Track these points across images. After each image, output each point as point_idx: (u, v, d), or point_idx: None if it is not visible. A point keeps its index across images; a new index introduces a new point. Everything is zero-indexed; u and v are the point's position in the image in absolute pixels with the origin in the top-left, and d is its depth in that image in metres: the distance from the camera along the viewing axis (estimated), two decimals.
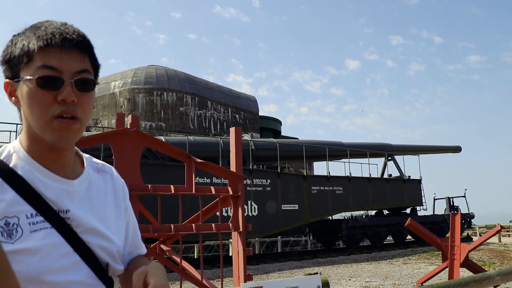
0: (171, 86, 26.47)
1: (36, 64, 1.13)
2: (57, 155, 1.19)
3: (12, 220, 1.07)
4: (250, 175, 16.96)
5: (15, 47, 1.16)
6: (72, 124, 1.14)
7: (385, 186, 22.63)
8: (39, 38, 1.13)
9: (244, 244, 4.92)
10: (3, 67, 1.19)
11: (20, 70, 1.15)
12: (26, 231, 1.08)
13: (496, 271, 3.96)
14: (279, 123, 34.89)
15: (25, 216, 1.09)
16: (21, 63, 1.14)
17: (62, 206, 1.16)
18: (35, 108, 1.13)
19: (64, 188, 1.18)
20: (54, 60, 1.13)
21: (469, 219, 27.47)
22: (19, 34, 1.19)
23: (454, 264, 8.50)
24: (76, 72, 1.15)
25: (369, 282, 10.84)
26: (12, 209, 1.08)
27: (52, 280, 1.08)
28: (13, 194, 1.09)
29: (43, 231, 1.10)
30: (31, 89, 1.12)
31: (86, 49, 1.19)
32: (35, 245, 1.08)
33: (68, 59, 1.14)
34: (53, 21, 1.20)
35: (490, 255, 16.03)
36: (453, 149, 29.37)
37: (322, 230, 22.18)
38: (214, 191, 4.76)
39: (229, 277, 11.33)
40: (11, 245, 1.05)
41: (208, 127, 27.49)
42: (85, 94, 1.17)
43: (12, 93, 1.19)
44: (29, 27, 1.19)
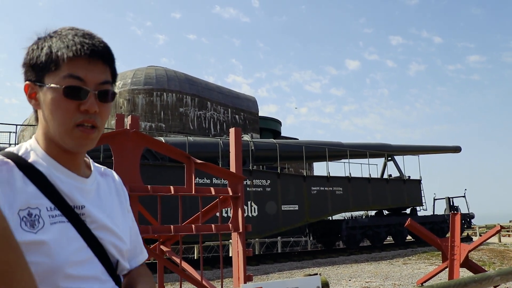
0: (171, 86, 26.47)
1: (63, 73, 1.16)
2: (73, 156, 1.24)
3: (34, 211, 1.11)
4: (250, 175, 16.95)
5: (41, 52, 1.18)
6: (92, 133, 1.20)
7: (385, 186, 22.63)
8: (68, 48, 1.17)
9: (244, 245, 4.92)
10: (25, 69, 1.22)
11: (45, 76, 1.18)
12: (47, 223, 1.12)
13: (495, 271, 3.96)
14: (279, 124, 34.89)
15: (46, 208, 1.13)
16: (48, 70, 1.17)
17: (77, 202, 1.21)
18: (58, 115, 1.17)
19: (78, 186, 1.23)
20: (81, 71, 1.17)
21: (469, 219, 27.47)
22: (44, 39, 1.21)
23: (454, 264, 8.50)
24: (99, 83, 1.20)
25: (369, 282, 10.83)
26: (34, 201, 1.12)
27: (73, 273, 1.13)
28: (33, 188, 1.13)
29: (61, 225, 1.15)
30: (56, 97, 1.16)
31: (109, 61, 1.23)
32: (55, 237, 1.12)
33: (93, 70, 1.19)
34: (78, 28, 1.24)
35: (490, 255, 16.03)
36: (453, 149, 29.38)
37: (322, 230, 22.18)
38: (213, 192, 4.76)
39: (229, 278, 11.32)
40: (34, 235, 1.09)
41: (208, 128, 27.49)
42: (105, 105, 1.22)
43: (32, 95, 1.22)
44: (53, 32, 1.22)
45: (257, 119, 30.89)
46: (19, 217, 1.09)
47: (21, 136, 28.89)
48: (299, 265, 15.32)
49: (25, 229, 1.09)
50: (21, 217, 1.09)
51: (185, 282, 9.27)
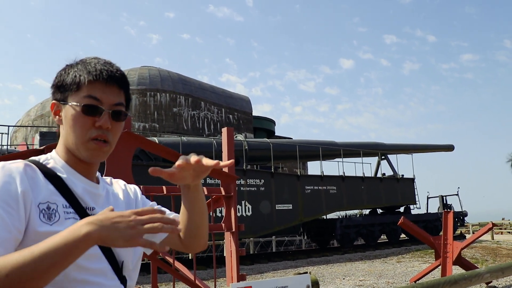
0: (164, 87, 26.43)
1: (83, 93, 1.36)
2: (87, 166, 1.41)
3: (52, 206, 1.26)
4: (243, 175, 16.96)
5: (67, 76, 1.39)
6: (104, 147, 1.37)
7: (378, 185, 22.70)
8: (89, 73, 1.36)
9: (237, 244, 4.93)
10: (53, 90, 1.43)
11: (69, 96, 1.37)
12: (62, 217, 1.26)
13: (485, 268, 3.99)
14: (273, 123, 34.91)
15: (62, 205, 1.28)
16: (71, 90, 1.37)
17: (89, 204, 1.36)
18: (76, 129, 1.35)
19: (90, 190, 1.39)
20: (98, 92, 1.36)
21: (462, 217, 27.62)
22: (71, 66, 1.41)
23: (447, 262, 8.56)
24: (114, 104, 1.38)
25: (363, 280, 10.88)
26: (53, 197, 1.28)
27: (83, 264, 1.24)
28: (52, 187, 1.29)
29: (74, 221, 1.24)
30: (75, 113, 1.35)
31: (124, 86, 1.43)
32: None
33: (109, 93, 1.38)
34: (100, 58, 1.44)
35: (483, 253, 16.13)
36: (446, 148, 29.55)
37: (316, 229, 22.23)
38: (206, 192, 4.77)
39: (223, 278, 11.33)
40: (49, 226, 1.22)
41: (202, 128, 27.47)
42: (118, 123, 1.41)
43: (56, 112, 1.42)
44: (80, 61, 1.42)
45: (251, 119, 30.89)
46: (39, 209, 1.23)
47: (13, 137, 28.72)
48: (294, 264, 15.35)
49: (43, 221, 1.23)
50: (40, 210, 1.23)
51: (178, 282, 9.28)
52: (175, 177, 1.37)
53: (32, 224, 1.21)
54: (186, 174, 1.37)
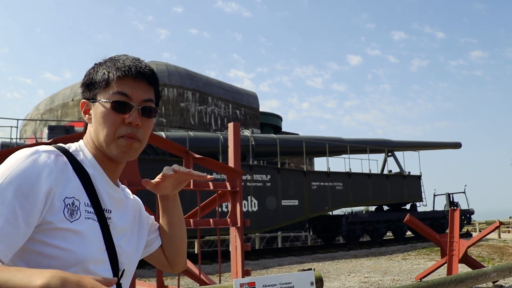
0: (172, 81, 26.46)
1: (112, 90, 1.34)
2: (115, 165, 1.39)
3: (76, 202, 1.23)
4: (250, 170, 16.97)
5: (96, 74, 1.37)
6: (134, 143, 1.35)
7: (385, 182, 22.64)
8: (118, 69, 1.34)
9: (242, 240, 4.93)
10: (82, 89, 1.41)
11: (98, 94, 1.36)
12: (83, 216, 1.24)
13: (492, 268, 3.97)
14: (280, 119, 34.87)
15: (84, 203, 1.25)
16: (100, 88, 1.35)
17: (108, 206, 1.34)
18: (106, 126, 1.33)
19: (111, 193, 1.36)
20: (127, 89, 1.34)
21: (469, 215, 27.49)
22: (100, 64, 1.39)
23: (453, 260, 8.53)
24: (143, 100, 1.36)
25: (368, 277, 10.86)
26: (78, 193, 1.25)
27: (92, 269, 1.22)
28: (79, 182, 1.26)
29: (93, 222, 1.26)
30: (105, 110, 1.33)
31: (153, 82, 1.41)
32: (87, 232, 1.23)
33: (138, 88, 1.36)
34: (129, 55, 1.42)
35: (489, 251, 16.05)
36: (453, 145, 29.40)
37: (322, 225, 22.21)
38: (212, 187, 4.77)
39: (228, 272, 11.36)
40: (69, 223, 1.19)
41: (209, 123, 27.49)
42: (148, 120, 1.38)
43: (86, 111, 1.40)
44: (109, 59, 1.40)
45: (258, 115, 30.87)
46: (64, 204, 1.20)
47: (23, 130, 28.91)
48: (299, 260, 15.36)
49: (65, 217, 1.19)
50: (65, 204, 1.20)
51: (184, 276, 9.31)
52: (159, 186, 1.50)
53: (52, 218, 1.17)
54: (167, 184, 1.50)
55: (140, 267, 13.30)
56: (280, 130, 34.37)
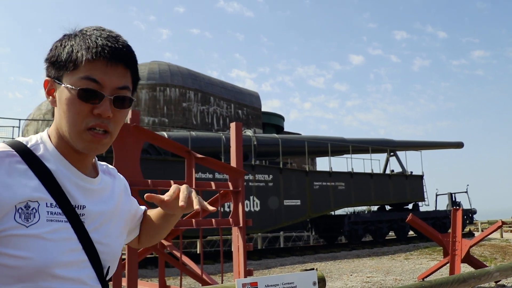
0: (174, 81, 26.48)
1: (80, 74, 1.15)
2: (82, 156, 1.22)
3: (32, 205, 1.09)
4: (252, 170, 16.97)
5: (63, 51, 1.18)
6: (103, 139, 1.18)
7: (387, 181, 22.61)
8: (88, 50, 1.15)
9: (245, 239, 4.93)
10: (47, 65, 1.22)
11: (64, 75, 1.17)
12: (43, 219, 1.10)
13: (495, 267, 3.96)
14: (282, 119, 34.88)
15: (45, 204, 1.11)
16: (67, 69, 1.16)
17: (79, 202, 1.19)
18: (70, 116, 1.15)
19: (83, 185, 1.21)
20: (98, 74, 1.15)
21: (471, 215, 27.44)
22: (69, 37, 1.20)
23: (455, 260, 8.51)
24: (117, 88, 1.18)
25: (370, 277, 10.85)
26: (35, 194, 1.10)
27: (59, 274, 1.10)
28: (37, 182, 1.11)
29: (58, 224, 1.12)
30: (70, 97, 1.15)
31: (131, 64, 1.21)
32: (48, 235, 1.10)
33: (111, 74, 1.16)
34: (103, 29, 1.22)
35: (492, 251, 16.02)
36: (455, 145, 29.36)
37: (324, 225, 22.20)
38: (214, 186, 4.77)
39: (231, 272, 11.36)
40: (25, 229, 1.07)
41: (211, 123, 27.50)
42: (121, 111, 1.20)
43: (50, 91, 1.22)
44: (79, 32, 1.21)
45: (260, 115, 30.87)
46: (15, 209, 1.07)
47: (25, 130, 28.96)
48: (301, 260, 15.35)
49: (19, 222, 1.07)
50: (17, 209, 1.07)
51: (186, 276, 9.31)
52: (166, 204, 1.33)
53: (5, 226, 1.06)
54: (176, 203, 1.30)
55: (143, 267, 13.31)
56: (282, 130, 34.38)
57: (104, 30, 1.21)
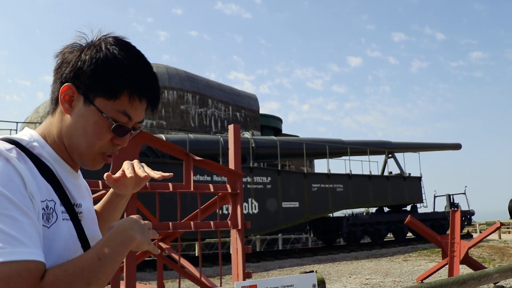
0: (172, 84, 26.47)
1: (117, 106, 1.14)
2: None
3: (50, 204, 1.08)
4: (250, 172, 16.96)
5: (108, 73, 1.13)
6: (108, 160, 1.23)
7: (385, 183, 22.63)
8: (136, 89, 1.15)
9: (243, 242, 4.92)
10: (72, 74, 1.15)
11: (97, 98, 1.14)
12: (59, 218, 1.10)
13: (494, 269, 3.96)
14: (280, 121, 34.90)
15: (57, 203, 1.11)
16: (102, 95, 1.13)
17: (76, 200, 1.19)
18: (91, 139, 1.15)
19: (75, 182, 1.22)
20: (133, 111, 1.16)
21: (469, 216, 27.47)
22: (114, 59, 1.14)
23: (454, 261, 8.51)
24: (139, 122, 1.21)
25: (369, 279, 10.84)
26: (50, 193, 1.10)
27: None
28: (45, 181, 1.09)
29: (67, 222, 1.13)
30: (100, 124, 1.14)
31: (156, 105, 1.24)
32: (65, 235, 1.11)
33: (141, 110, 1.19)
34: (144, 59, 1.21)
35: (490, 252, 16.03)
36: (453, 147, 29.41)
37: (322, 227, 22.20)
38: (212, 189, 4.76)
39: (229, 275, 11.33)
40: (46, 230, 1.05)
41: (209, 125, 27.49)
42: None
43: (70, 99, 1.16)
44: (125, 52, 1.16)
45: (258, 117, 30.89)
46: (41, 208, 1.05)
47: None
48: (300, 262, 15.33)
49: (42, 223, 1.05)
50: (41, 208, 1.05)
51: (184, 279, 9.29)
52: (119, 182, 1.36)
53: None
54: (128, 181, 1.36)
55: (141, 270, 13.27)
56: (280, 132, 34.39)
57: (145, 62, 1.20)
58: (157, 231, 4.53)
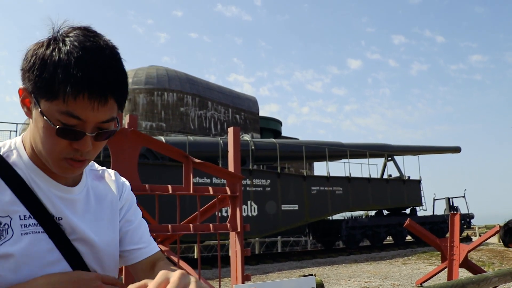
0: (172, 86, 26.50)
1: (59, 106, 0.99)
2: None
3: (4, 220, 1.03)
4: (250, 175, 16.96)
5: (44, 70, 1.00)
6: (81, 166, 1.09)
7: (385, 186, 22.63)
8: (74, 85, 0.97)
9: (242, 245, 4.92)
10: (22, 73, 1.05)
11: (41, 100, 1.01)
12: (16, 233, 1.03)
13: (494, 272, 3.95)
14: (280, 124, 34.93)
15: (19, 217, 1.05)
16: (44, 96, 1.01)
17: (57, 211, 1.11)
18: (47, 145, 1.04)
19: (61, 195, 1.13)
20: (80, 110, 0.99)
21: (468, 220, 27.48)
22: (51, 53, 1.00)
23: (453, 265, 8.50)
24: (102, 122, 1.04)
25: (368, 282, 10.83)
26: (6, 208, 1.03)
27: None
28: (9, 193, 1.05)
29: (35, 235, 1.06)
30: (47, 129, 1.02)
31: (120, 95, 1.05)
32: (24, 250, 1.04)
33: (96, 108, 1.01)
34: (87, 44, 1.01)
35: (489, 256, 16.02)
36: (452, 150, 29.41)
37: (322, 230, 22.19)
38: (212, 191, 4.76)
39: (228, 277, 11.32)
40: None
41: (209, 128, 27.50)
42: (102, 142, 1.09)
43: (25, 101, 1.07)
44: (63, 43, 1.01)
45: (258, 119, 30.91)
46: None
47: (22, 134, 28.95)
48: (299, 265, 15.31)
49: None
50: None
51: None
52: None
53: None
54: None
55: None
56: (280, 134, 34.42)
57: (88, 49, 1.01)
58: (156, 233, 4.53)
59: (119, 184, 1.33)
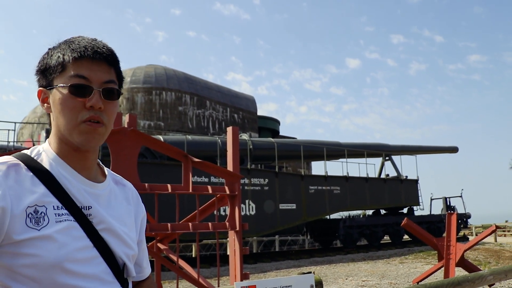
0: (170, 85, 26.50)
1: (69, 73, 1.25)
2: (82, 156, 1.30)
3: (41, 209, 1.18)
4: (248, 174, 16.99)
5: (50, 59, 1.29)
6: (98, 128, 1.26)
7: (382, 186, 22.69)
8: (73, 51, 1.26)
9: (241, 243, 4.95)
10: (38, 77, 1.32)
11: (54, 79, 1.27)
12: (52, 221, 1.18)
13: (488, 271, 4.00)
14: (278, 123, 34.95)
15: (52, 207, 1.20)
16: (56, 72, 1.27)
17: (85, 203, 1.26)
18: (66, 113, 1.25)
19: (86, 189, 1.28)
20: (85, 71, 1.26)
21: (465, 219, 27.54)
22: (54, 48, 1.31)
23: (449, 264, 8.55)
24: (104, 82, 1.28)
25: (365, 281, 10.89)
26: (42, 199, 1.19)
27: (72, 269, 1.17)
28: (43, 188, 1.20)
29: (67, 223, 1.20)
30: (63, 96, 1.25)
31: (113, 62, 1.32)
32: (59, 234, 1.18)
33: (97, 70, 1.27)
34: (85, 36, 1.34)
35: (486, 255, 16.10)
36: (450, 150, 29.49)
37: (319, 229, 22.24)
38: (211, 190, 4.80)
39: (227, 276, 11.37)
40: (37, 232, 1.15)
41: (207, 127, 27.51)
42: (111, 102, 1.29)
43: (44, 100, 1.31)
44: (63, 41, 1.32)
45: (256, 118, 30.93)
46: (26, 214, 1.15)
47: (20, 133, 28.86)
48: (297, 264, 15.36)
49: (30, 226, 1.15)
50: (27, 214, 1.15)
51: (182, 280, 9.31)
52: None
53: (14, 233, 1.14)
54: None
55: None
56: (278, 134, 34.44)
57: (87, 37, 1.33)
58: (155, 232, 4.57)
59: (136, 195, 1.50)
